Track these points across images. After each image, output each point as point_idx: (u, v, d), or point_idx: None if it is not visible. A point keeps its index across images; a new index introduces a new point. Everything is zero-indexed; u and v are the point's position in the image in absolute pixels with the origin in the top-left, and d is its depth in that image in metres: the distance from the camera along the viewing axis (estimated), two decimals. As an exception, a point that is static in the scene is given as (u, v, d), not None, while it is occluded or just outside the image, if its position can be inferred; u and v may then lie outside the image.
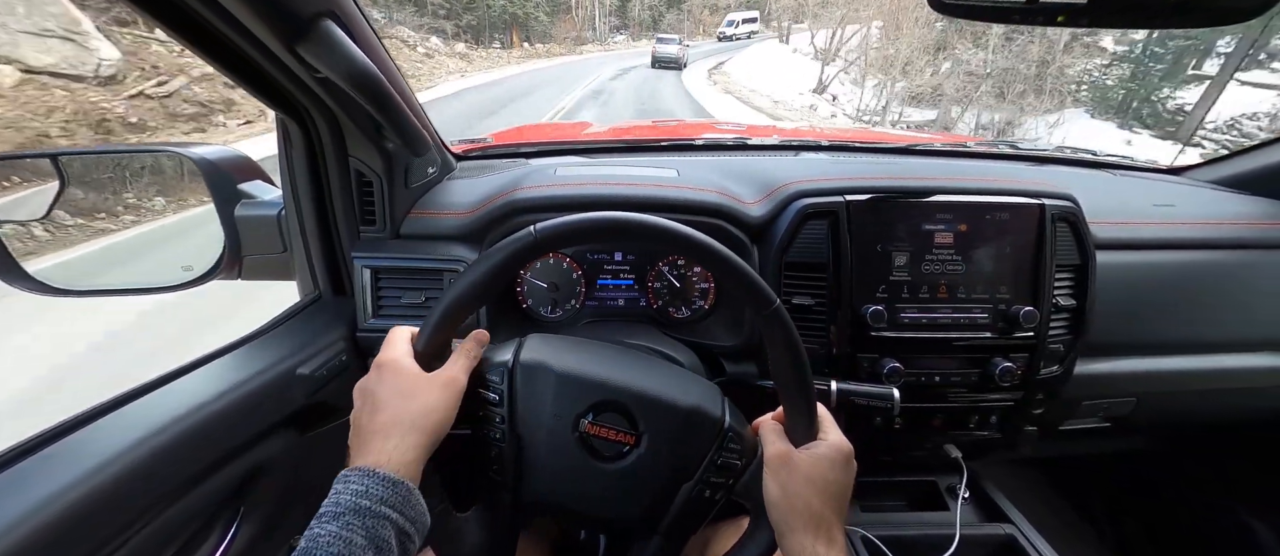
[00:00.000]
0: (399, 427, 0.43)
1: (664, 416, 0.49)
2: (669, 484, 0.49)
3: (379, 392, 0.45)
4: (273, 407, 0.62)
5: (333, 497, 0.39)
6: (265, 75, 0.55)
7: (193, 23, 0.46)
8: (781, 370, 0.48)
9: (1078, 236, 0.78)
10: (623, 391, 0.49)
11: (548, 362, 0.50)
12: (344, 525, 0.37)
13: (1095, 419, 0.92)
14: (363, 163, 0.71)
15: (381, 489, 0.39)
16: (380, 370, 0.46)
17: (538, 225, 0.47)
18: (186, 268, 0.73)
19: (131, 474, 0.48)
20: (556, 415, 0.48)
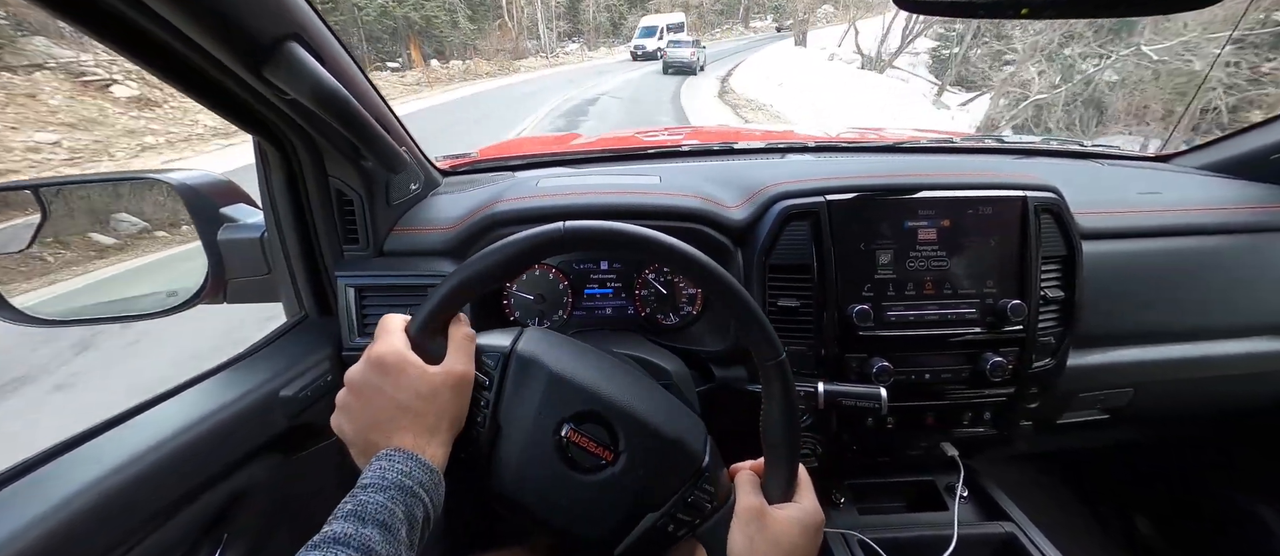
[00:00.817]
0: (423, 426, 0.43)
1: (646, 440, 0.48)
2: (634, 508, 0.48)
3: (393, 397, 0.43)
4: (254, 431, 0.61)
5: (377, 471, 0.40)
6: (236, 99, 0.55)
7: (158, 50, 0.46)
8: (772, 424, 0.48)
9: (1062, 227, 0.77)
10: (611, 406, 0.48)
11: (543, 359, 0.49)
12: (390, 497, 0.38)
13: (1093, 411, 0.90)
14: (342, 182, 0.71)
15: (422, 473, 0.41)
16: (384, 372, 0.44)
17: (568, 223, 0.46)
18: (171, 293, 0.73)
19: (109, 503, 0.47)
20: (541, 414, 0.47)
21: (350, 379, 0.45)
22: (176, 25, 0.42)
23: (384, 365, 0.44)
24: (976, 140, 1.23)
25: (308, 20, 0.49)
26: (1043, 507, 0.87)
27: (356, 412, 0.45)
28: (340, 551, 0.35)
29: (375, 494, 0.38)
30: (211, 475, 0.57)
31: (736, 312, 0.47)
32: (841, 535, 0.80)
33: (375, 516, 0.37)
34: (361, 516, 0.37)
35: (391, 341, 0.45)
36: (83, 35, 0.44)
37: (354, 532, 0.36)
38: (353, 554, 0.35)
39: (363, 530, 0.36)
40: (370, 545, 0.36)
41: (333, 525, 0.36)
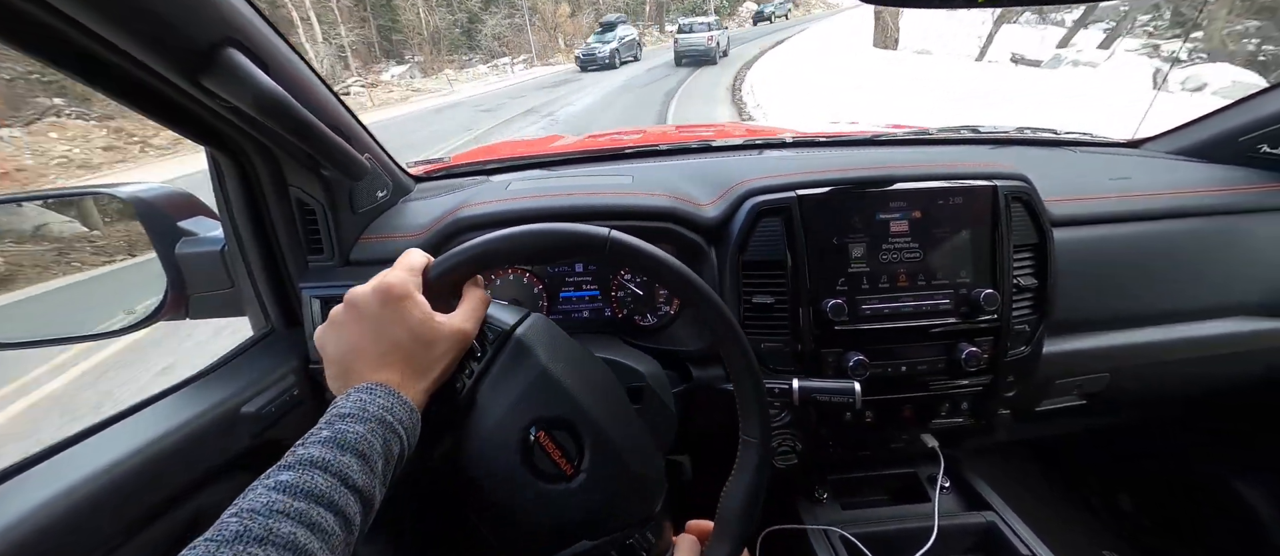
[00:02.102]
0: (413, 368, 0.42)
1: (610, 468, 0.47)
2: (573, 531, 0.47)
3: (391, 326, 0.42)
4: (215, 449, 0.59)
5: (356, 402, 0.38)
6: (181, 109, 0.53)
7: (90, 62, 0.44)
8: (732, 498, 0.48)
9: (1033, 215, 0.77)
10: (588, 422, 0.47)
11: (538, 352, 0.47)
12: (369, 430, 0.37)
13: (1070, 397, 0.91)
14: (303, 191, 0.70)
15: (403, 411, 0.40)
16: (392, 302, 0.42)
17: (614, 233, 0.45)
18: (128, 311, 0.71)
19: (63, 524, 0.45)
20: (518, 405, 0.46)
21: (352, 297, 0.43)
22: (105, 36, 0.40)
23: (391, 295, 0.42)
24: (951, 131, 1.23)
25: (247, 24, 0.47)
26: (1024, 495, 0.87)
27: (348, 334, 0.43)
28: (316, 474, 0.33)
29: (355, 424, 0.37)
30: (172, 495, 0.55)
31: (744, 384, 0.47)
32: (824, 532, 0.80)
33: (354, 445, 0.36)
34: (340, 444, 0.35)
35: (405, 276, 0.44)
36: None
37: (331, 459, 0.34)
38: (330, 478, 0.33)
39: (341, 457, 0.35)
40: (348, 473, 0.34)
41: (308, 449, 0.35)
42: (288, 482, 0.32)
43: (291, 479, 0.33)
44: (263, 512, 0.31)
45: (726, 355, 0.47)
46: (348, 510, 0.34)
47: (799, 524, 0.82)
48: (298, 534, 0.31)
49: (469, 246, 0.46)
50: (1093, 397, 0.91)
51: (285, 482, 0.32)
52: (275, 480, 0.33)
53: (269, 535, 0.30)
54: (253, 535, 0.29)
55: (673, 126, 1.71)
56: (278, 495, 0.32)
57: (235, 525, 0.30)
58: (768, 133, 1.39)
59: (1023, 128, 1.23)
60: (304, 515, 0.31)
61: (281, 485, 0.32)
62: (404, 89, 20.84)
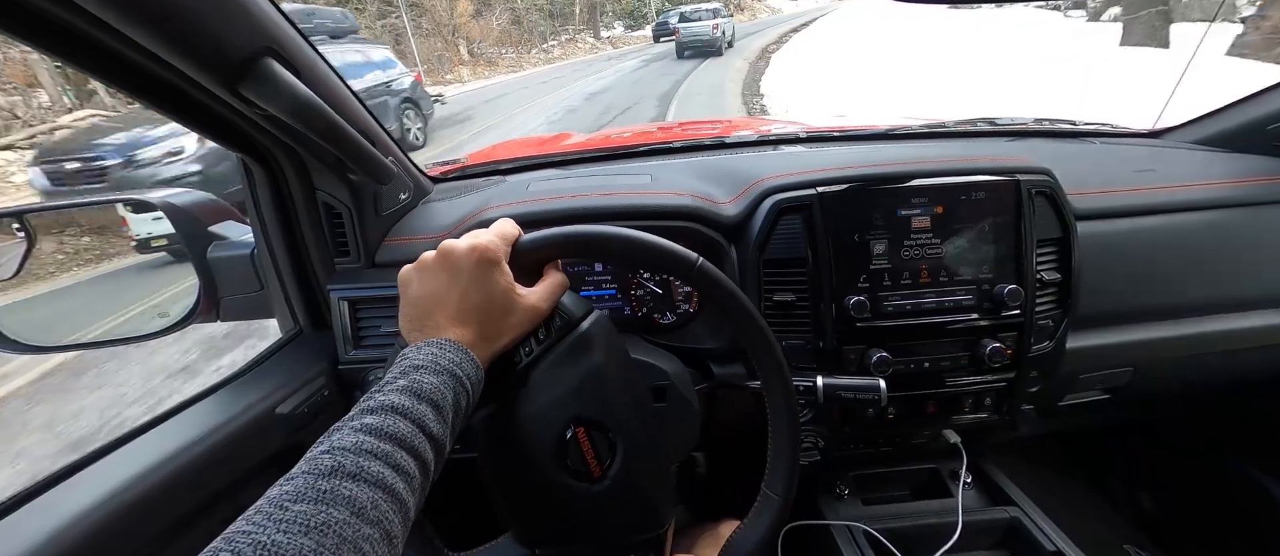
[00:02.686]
0: (485, 331, 0.43)
1: (632, 483, 0.48)
2: (584, 529, 0.48)
3: (481, 289, 0.43)
4: (254, 449, 0.61)
5: (429, 355, 0.39)
6: (216, 117, 0.55)
7: (132, 72, 0.46)
8: (743, 546, 0.49)
9: (1056, 209, 0.77)
10: (626, 433, 0.48)
11: (596, 350, 0.48)
12: (443, 382, 0.38)
13: (1094, 392, 0.90)
14: (330, 195, 0.71)
15: (471, 368, 0.41)
16: (487, 267, 0.43)
17: (702, 261, 0.47)
18: (162, 315, 0.73)
19: (110, 528, 0.47)
20: (566, 398, 0.47)
21: (446, 249, 0.44)
22: (148, 47, 0.41)
23: (485, 257, 0.44)
24: (968, 123, 1.21)
25: (282, 34, 0.48)
26: (1048, 490, 0.87)
27: (434, 283, 0.44)
28: (398, 420, 0.34)
29: (429, 375, 0.38)
30: (213, 494, 0.57)
31: (784, 437, 0.48)
32: (847, 528, 0.80)
33: (429, 395, 0.37)
34: (417, 393, 0.36)
35: (499, 242, 0.45)
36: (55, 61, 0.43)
37: (411, 406, 0.35)
38: (410, 424, 0.35)
39: (418, 405, 0.36)
40: (425, 420, 0.36)
41: (387, 395, 0.36)
42: (373, 426, 0.34)
43: (376, 422, 0.34)
44: (353, 451, 0.32)
45: (773, 409, 0.49)
46: (426, 456, 0.35)
47: (821, 520, 0.83)
48: (385, 473, 0.32)
49: (564, 231, 0.47)
50: (1116, 392, 0.91)
51: (371, 426, 0.34)
52: (361, 422, 0.34)
53: (361, 472, 0.31)
54: (346, 471, 0.31)
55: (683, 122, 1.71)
56: (365, 437, 0.33)
57: (329, 461, 0.31)
58: (781, 127, 1.38)
59: (1042, 119, 1.21)
60: (390, 457, 0.33)
61: (367, 427, 0.33)
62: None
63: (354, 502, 0.30)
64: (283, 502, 0.29)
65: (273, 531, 0.27)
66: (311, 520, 0.28)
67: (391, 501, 0.32)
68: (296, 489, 0.30)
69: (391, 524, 0.31)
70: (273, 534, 0.27)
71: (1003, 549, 0.79)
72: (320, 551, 0.27)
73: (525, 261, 0.47)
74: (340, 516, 0.29)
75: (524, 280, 0.47)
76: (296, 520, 0.28)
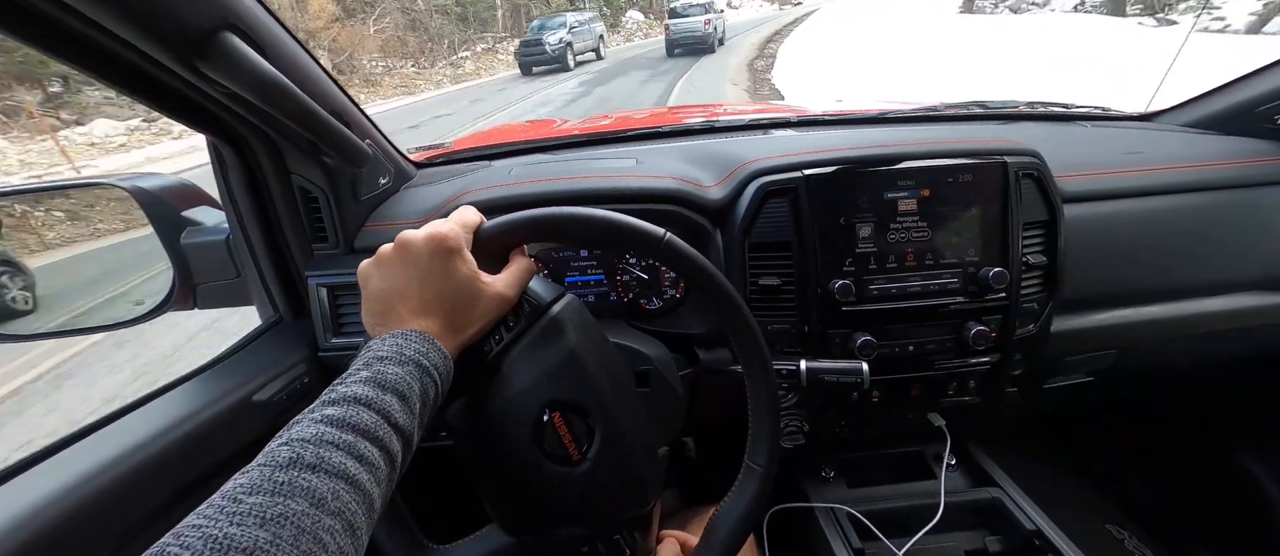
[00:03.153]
0: (452, 321, 0.43)
1: (614, 463, 0.48)
2: (567, 514, 0.48)
3: (441, 278, 0.42)
4: (228, 438, 0.60)
5: (393, 346, 0.38)
6: (182, 97, 0.53)
7: (87, 49, 0.44)
8: (725, 523, 0.49)
9: (1043, 191, 0.76)
10: (603, 414, 0.47)
11: (568, 334, 0.47)
12: (407, 373, 0.37)
13: (1079, 374, 0.91)
14: (306, 179, 0.69)
15: (438, 357, 0.40)
16: (446, 256, 0.43)
17: (669, 235, 0.46)
18: (137, 303, 0.71)
19: (82, 513, 0.46)
20: (539, 382, 0.46)
21: (403, 240, 0.43)
22: (99, 21, 0.39)
23: (443, 246, 0.43)
24: (959, 107, 1.20)
25: (243, 8, 0.46)
26: (1030, 472, 0.87)
27: (393, 276, 0.43)
28: (361, 410, 0.34)
29: (393, 366, 0.37)
30: (188, 482, 0.56)
31: (763, 406, 0.48)
32: (830, 510, 0.80)
33: (394, 386, 0.36)
34: (381, 384, 0.36)
35: (458, 230, 0.44)
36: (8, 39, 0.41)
37: (374, 396, 0.35)
38: (374, 415, 0.34)
39: (383, 396, 0.35)
40: (389, 411, 0.35)
41: (350, 387, 0.35)
42: (334, 417, 0.33)
43: (338, 413, 0.33)
44: (313, 442, 0.31)
45: (751, 384, 0.48)
46: (391, 447, 0.34)
47: (805, 502, 0.83)
48: (347, 464, 0.31)
49: (525, 215, 0.46)
50: (1100, 374, 0.91)
51: (332, 417, 0.33)
52: (321, 414, 0.33)
53: (320, 463, 0.30)
54: (305, 462, 0.30)
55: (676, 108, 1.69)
56: (326, 427, 0.32)
57: (286, 453, 0.30)
58: (772, 112, 1.37)
59: (1033, 102, 1.20)
60: (352, 447, 0.32)
61: (329, 418, 0.33)
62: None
63: (313, 493, 0.29)
64: (236, 496, 0.28)
65: (225, 524, 0.26)
66: (268, 512, 0.27)
67: (354, 491, 0.31)
68: (252, 481, 0.29)
69: (354, 514, 0.30)
70: (225, 527, 0.26)
71: (983, 529, 0.80)
72: (277, 543, 0.26)
73: (489, 249, 0.46)
74: (299, 507, 0.28)
75: (490, 268, 0.46)
76: (252, 512, 0.27)
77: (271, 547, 0.26)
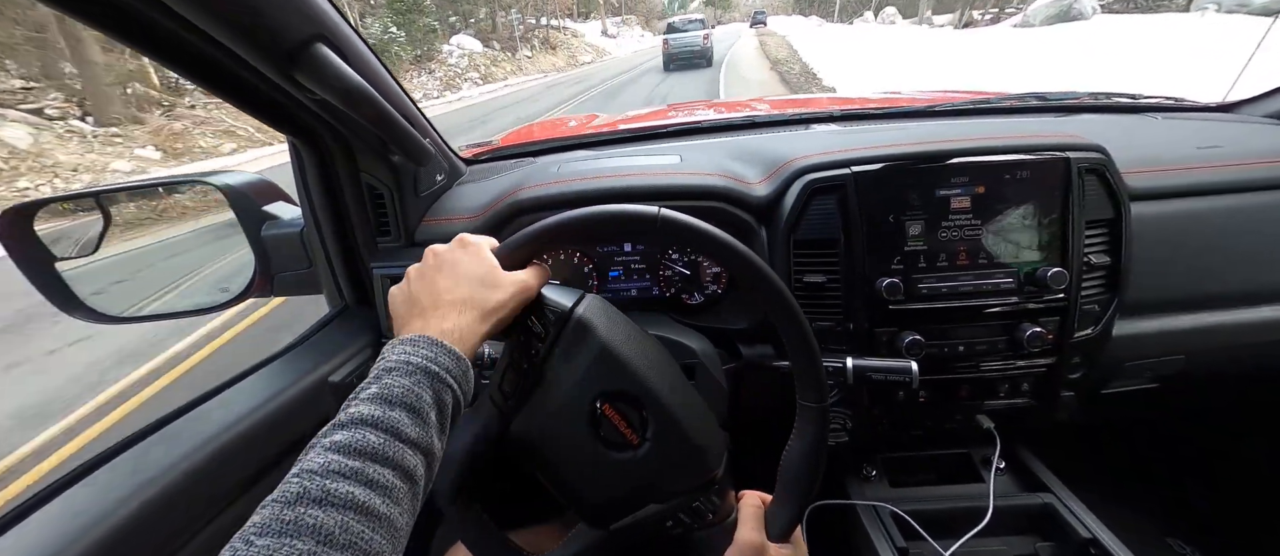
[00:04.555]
0: (471, 311, 0.43)
1: (673, 438, 0.49)
2: (642, 495, 0.50)
3: (459, 268, 0.45)
4: (309, 414, 0.66)
5: (399, 355, 0.38)
6: (270, 101, 0.57)
7: (194, 58, 0.49)
8: (792, 462, 0.49)
9: (1108, 188, 0.73)
10: (649, 395, 0.49)
11: (598, 329, 0.50)
12: (415, 382, 0.37)
13: (1141, 380, 0.86)
14: (373, 176, 0.74)
15: (448, 359, 0.40)
16: (465, 247, 0.46)
17: (663, 210, 0.48)
18: (224, 289, 0.78)
19: (196, 477, 0.52)
20: (584, 380, 0.49)
21: (432, 248, 0.47)
22: (211, 33, 0.44)
23: (465, 242, 0.47)
24: (1016, 98, 1.15)
25: (331, 21, 0.50)
26: (1085, 479, 0.84)
27: (420, 283, 0.45)
28: (368, 432, 0.34)
29: (399, 378, 0.37)
30: (276, 453, 0.62)
31: (796, 344, 0.48)
32: (873, 508, 0.80)
33: (401, 399, 0.36)
34: (388, 399, 0.36)
35: (479, 238, 0.48)
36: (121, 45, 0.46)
37: (381, 415, 0.35)
38: (382, 434, 0.34)
39: (390, 412, 0.35)
40: (399, 427, 0.35)
41: (357, 407, 0.35)
42: (341, 443, 0.33)
43: (345, 438, 0.33)
44: (320, 473, 0.31)
45: (779, 322, 0.48)
46: (406, 464, 0.34)
47: (847, 500, 0.83)
48: (355, 492, 0.31)
49: (531, 229, 0.49)
50: (1166, 381, 0.87)
51: (339, 443, 0.33)
52: (330, 440, 0.33)
53: (326, 496, 0.30)
54: (311, 497, 0.30)
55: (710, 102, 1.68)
56: (333, 455, 0.32)
57: (295, 487, 0.31)
58: (811, 105, 1.34)
59: (1097, 93, 1.14)
60: (360, 474, 0.32)
61: (336, 445, 0.33)
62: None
63: (320, 530, 0.29)
64: (248, 537, 0.29)
65: None
66: (276, 555, 0.28)
67: (366, 520, 0.31)
68: (263, 521, 0.29)
69: (369, 542, 0.30)
70: None
71: (1034, 534, 0.78)
72: None
73: (511, 263, 0.49)
74: (304, 547, 0.28)
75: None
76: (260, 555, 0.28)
77: None
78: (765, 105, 1.39)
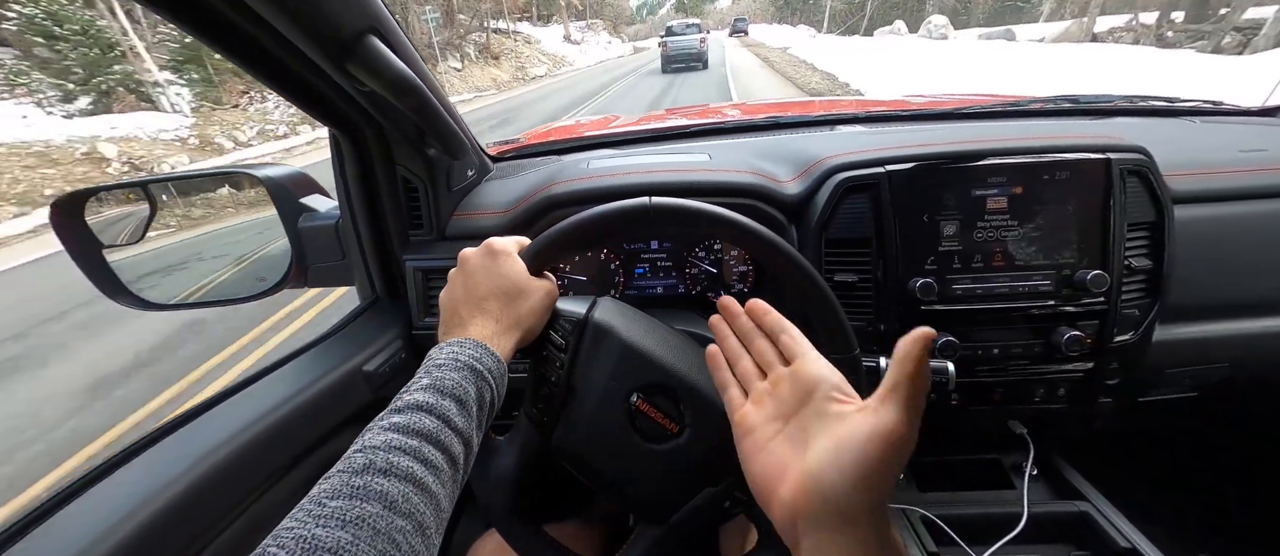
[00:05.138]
0: (505, 319, 0.46)
1: (711, 417, 0.49)
2: (694, 480, 0.50)
3: (491, 278, 0.47)
4: (342, 404, 0.67)
5: (449, 353, 0.42)
6: (316, 92, 0.59)
7: (251, 49, 0.50)
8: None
9: (1151, 191, 0.71)
10: (679, 381, 0.50)
11: (617, 329, 0.50)
12: (463, 377, 0.40)
13: (1181, 389, 0.84)
14: (408, 170, 0.75)
15: (490, 360, 0.43)
16: (494, 255, 0.49)
17: (654, 198, 0.49)
18: (261, 279, 0.80)
19: (234, 464, 0.53)
20: (613, 381, 0.49)
21: (464, 256, 0.50)
22: (274, 24, 0.45)
23: (493, 249, 0.49)
24: (1046, 101, 1.13)
25: (382, 15, 0.51)
26: (1120, 488, 0.82)
27: (458, 285, 0.49)
28: (423, 416, 0.36)
29: (449, 372, 0.40)
30: (311, 442, 0.63)
31: (812, 301, 0.47)
32: (903, 511, 0.79)
33: (452, 391, 0.39)
34: (440, 389, 0.38)
35: (506, 242, 0.50)
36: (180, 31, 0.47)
37: (434, 402, 0.37)
38: (435, 420, 0.37)
39: (442, 401, 0.38)
40: (448, 415, 0.37)
41: (413, 395, 0.38)
42: (401, 423, 0.36)
43: (403, 420, 0.36)
44: (383, 448, 0.34)
45: (792, 284, 0.48)
46: (453, 449, 0.37)
47: None
48: (414, 468, 0.34)
49: (548, 234, 0.50)
50: (1207, 390, 0.84)
51: (398, 423, 0.36)
52: (390, 421, 0.36)
53: (391, 468, 0.33)
54: (377, 467, 0.33)
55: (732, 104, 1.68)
56: (393, 434, 0.35)
57: (361, 459, 0.33)
58: (837, 106, 1.34)
59: (1132, 96, 1.12)
60: (417, 452, 0.35)
61: (396, 426, 0.36)
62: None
63: (386, 496, 0.32)
64: (321, 500, 0.31)
65: (313, 526, 0.29)
66: (347, 514, 0.30)
67: (421, 494, 0.33)
68: (333, 486, 0.32)
69: (423, 515, 0.33)
70: (313, 529, 0.29)
71: (1068, 543, 0.76)
72: (356, 543, 0.29)
73: (533, 270, 0.51)
74: (374, 510, 0.31)
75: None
76: (334, 515, 0.30)
77: (352, 547, 0.29)
78: (788, 108, 1.38)
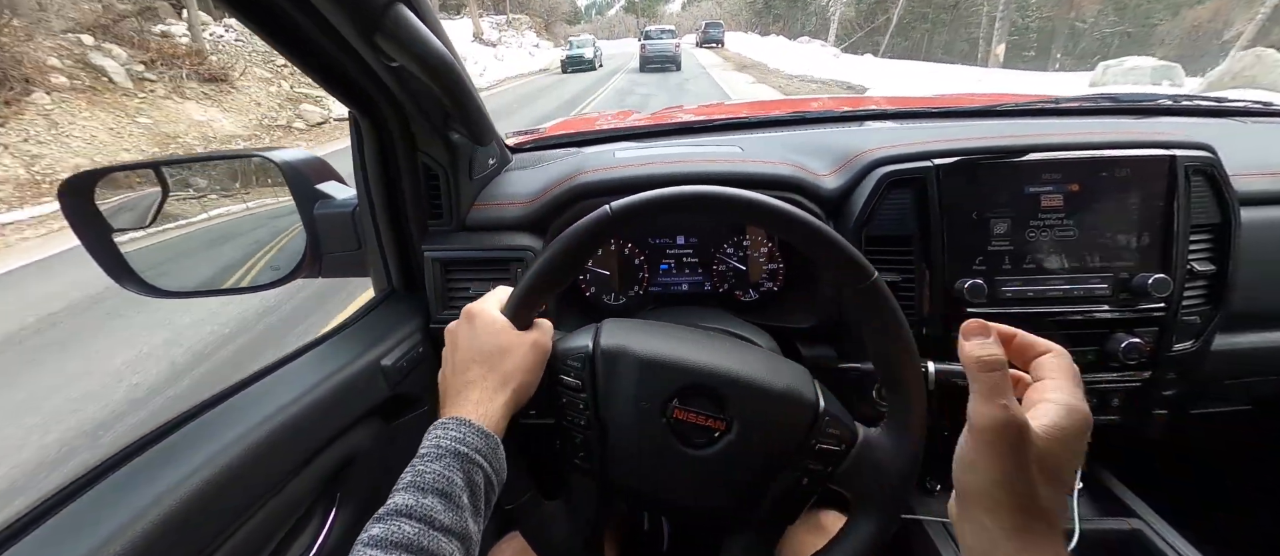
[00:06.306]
0: (490, 383, 0.45)
1: (755, 400, 0.46)
2: (763, 471, 0.46)
3: (472, 343, 0.46)
4: (360, 398, 0.63)
5: (432, 441, 0.41)
6: (341, 70, 0.56)
7: (277, 22, 0.47)
8: (882, 355, 0.47)
9: (1217, 192, 0.67)
10: (710, 374, 0.47)
11: (629, 347, 0.48)
12: (446, 465, 0.39)
13: (1236, 401, 0.80)
14: (429, 155, 0.72)
15: (476, 438, 0.41)
16: (471, 319, 0.48)
17: (613, 204, 0.46)
18: (275, 268, 0.77)
19: (253, 456, 0.50)
20: (643, 400, 0.47)
21: (448, 331, 0.50)
22: None
23: (470, 314, 0.48)
24: (1084, 100, 1.09)
25: None
26: (1172, 505, 0.78)
27: (445, 362, 0.48)
28: (403, 523, 0.35)
29: (431, 463, 0.39)
30: (327, 437, 0.59)
31: (814, 245, 0.44)
32: (942, 523, 0.75)
33: (433, 485, 0.37)
34: (420, 487, 0.37)
35: (484, 303, 0.50)
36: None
37: (415, 503, 0.36)
38: (416, 524, 0.35)
39: (423, 500, 0.37)
40: (432, 514, 0.36)
41: (395, 498, 0.37)
42: (378, 537, 0.35)
43: (381, 532, 0.35)
44: None
45: (781, 230, 0.44)
46: (440, 550, 0.35)
47: (913, 515, 0.78)
48: None
49: (524, 279, 0.48)
50: (1262, 403, 0.80)
51: (376, 537, 0.35)
52: (369, 535, 0.35)
53: None
54: None
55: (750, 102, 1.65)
56: (371, 550, 0.34)
57: None
58: (861, 103, 1.30)
59: (1176, 96, 1.08)
60: None
61: (374, 540, 0.35)
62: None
63: None
64: None
65: None
66: None
67: None
68: None
69: None
70: None
71: None
72: None
73: (517, 320, 0.48)
74: None
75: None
76: None
77: None
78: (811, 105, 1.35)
